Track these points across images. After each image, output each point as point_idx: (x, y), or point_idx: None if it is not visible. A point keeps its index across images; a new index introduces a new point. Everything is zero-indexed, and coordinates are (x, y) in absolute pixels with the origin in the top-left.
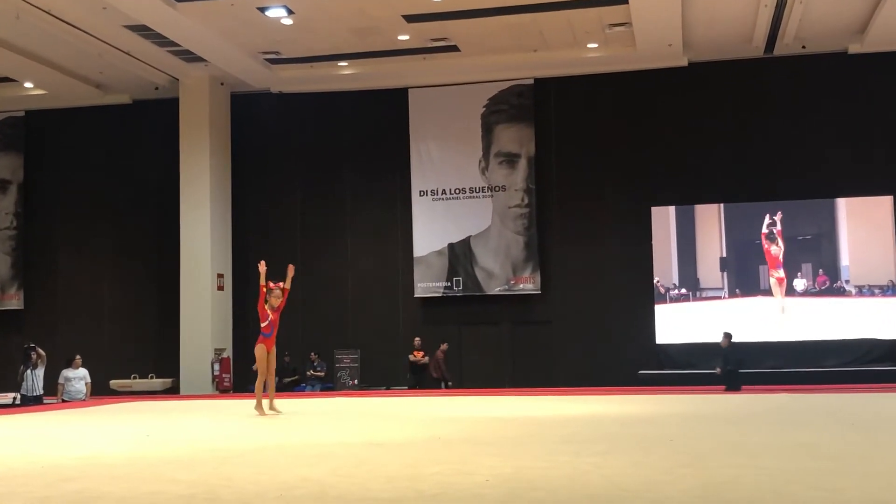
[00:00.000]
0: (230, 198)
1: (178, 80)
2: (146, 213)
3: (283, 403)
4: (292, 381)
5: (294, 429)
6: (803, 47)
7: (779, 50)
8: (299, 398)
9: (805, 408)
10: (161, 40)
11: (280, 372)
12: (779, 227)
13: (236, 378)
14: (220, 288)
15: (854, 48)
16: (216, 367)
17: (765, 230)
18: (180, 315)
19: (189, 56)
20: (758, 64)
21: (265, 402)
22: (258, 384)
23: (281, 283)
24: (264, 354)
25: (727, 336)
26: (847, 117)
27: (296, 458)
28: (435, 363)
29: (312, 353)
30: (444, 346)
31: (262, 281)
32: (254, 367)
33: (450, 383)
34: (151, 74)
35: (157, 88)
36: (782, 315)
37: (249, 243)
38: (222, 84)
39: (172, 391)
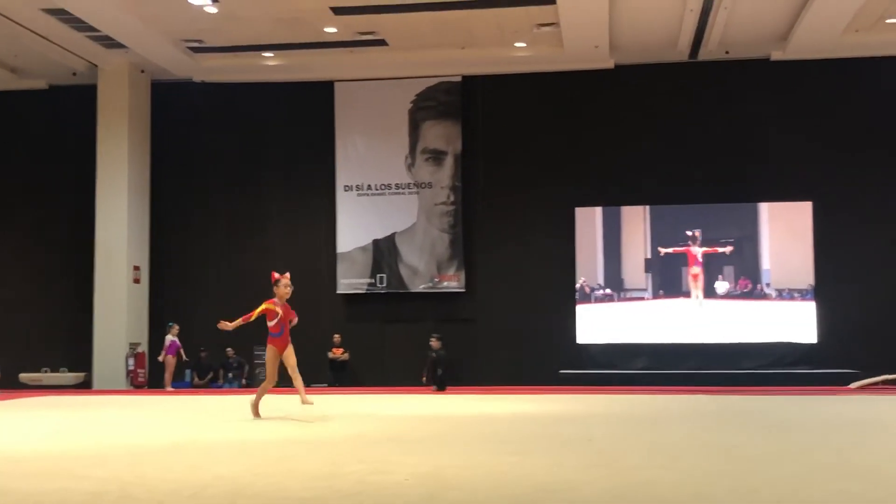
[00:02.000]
0: (149, 188)
1: (97, 66)
2: (61, 203)
3: (199, 400)
4: (209, 378)
5: (211, 426)
6: (727, 53)
7: (703, 55)
8: (216, 395)
9: (723, 409)
10: (80, 25)
11: (197, 368)
12: (699, 240)
13: (151, 373)
14: (137, 281)
15: (776, 55)
16: (131, 361)
17: (689, 240)
18: (94, 308)
19: (109, 42)
20: (683, 68)
21: (256, 407)
22: (262, 388)
23: (287, 274)
24: (275, 358)
25: (438, 339)
26: (769, 123)
27: (212, 455)
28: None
29: (228, 349)
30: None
31: (240, 322)
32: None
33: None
34: (69, 60)
35: (74, 74)
36: (702, 315)
37: (168, 235)
38: (143, 72)
39: (85, 386)
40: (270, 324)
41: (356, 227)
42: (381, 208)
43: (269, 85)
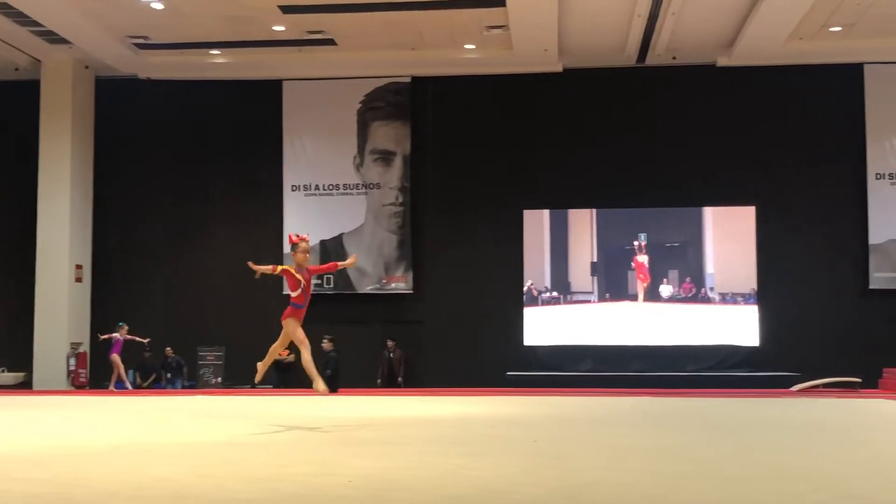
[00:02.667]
0: (92, 186)
1: (40, 61)
2: (1, 200)
3: (140, 401)
4: (153, 379)
5: (154, 427)
6: (674, 58)
7: (650, 60)
8: (159, 396)
9: (668, 411)
10: (23, 19)
11: (140, 369)
12: (644, 244)
13: (93, 373)
14: (79, 280)
15: (722, 61)
16: (72, 361)
17: (635, 246)
18: (35, 307)
19: (52, 37)
20: (630, 73)
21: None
22: (274, 349)
23: (306, 236)
24: (297, 327)
25: (330, 340)
26: (714, 128)
27: (153, 457)
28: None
29: (167, 349)
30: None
31: (268, 270)
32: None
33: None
34: (11, 54)
35: (17, 69)
36: (647, 319)
37: (112, 234)
38: (87, 67)
39: (25, 386)
40: (294, 293)
41: (303, 227)
42: (329, 209)
43: (216, 83)
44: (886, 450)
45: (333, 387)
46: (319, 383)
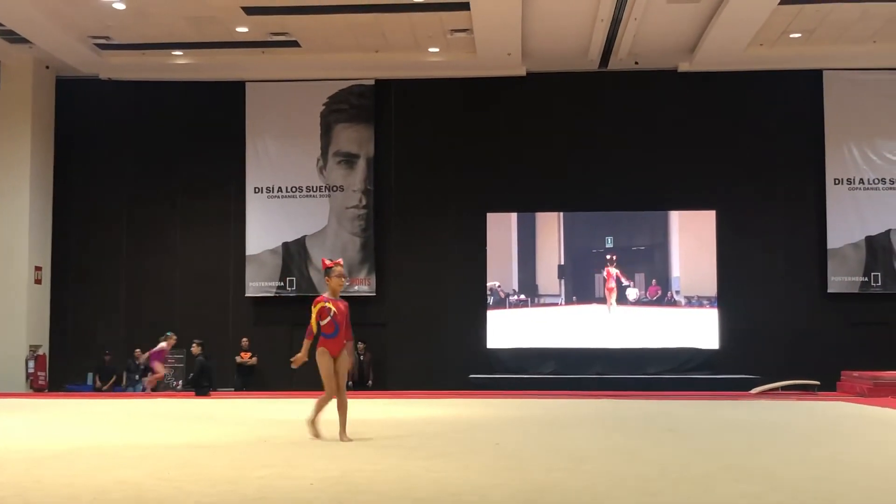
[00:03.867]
0: (52, 187)
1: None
2: None
3: (102, 405)
4: (112, 382)
5: (113, 430)
6: (636, 63)
7: (613, 64)
8: (119, 399)
9: (627, 414)
10: None
11: (100, 371)
12: (615, 261)
13: (52, 376)
14: (38, 281)
15: (684, 66)
16: (31, 364)
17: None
18: None
19: (12, 37)
20: (593, 77)
21: (314, 424)
22: (321, 400)
23: (340, 260)
24: (330, 364)
25: (199, 345)
26: (675, 132)
27: (113, 460)
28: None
29: (137, 350)
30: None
31: (308, 340)
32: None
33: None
34: None
35: None
36: (612, 322)
37: (72, 235)
38: (48, 67)
39: None
40: (323, 322)
41: (266, 229)
42: (292, 211)
43: (178, 84)
44: (843, 451)
45: (202, 391)
46: (313, 424)
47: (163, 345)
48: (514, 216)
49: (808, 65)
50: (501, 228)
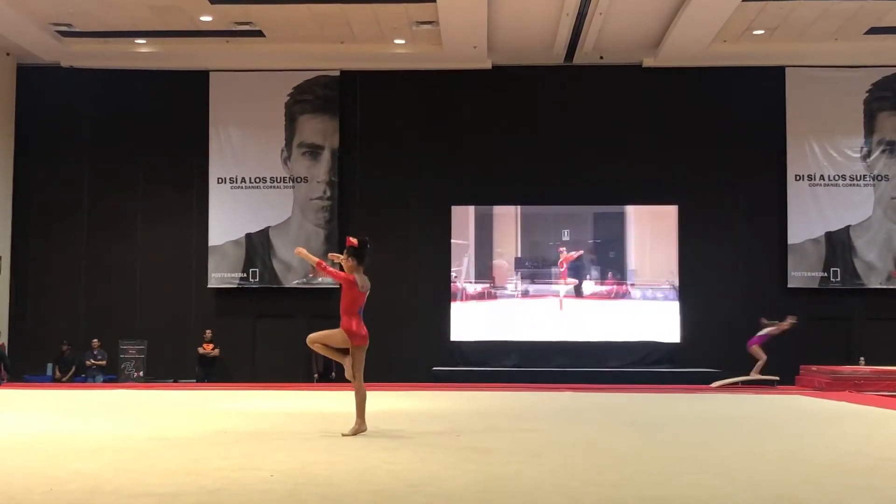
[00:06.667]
0: (11, 175)
1: None
2: None
3: (61, 395)
4: (72, 373)
5: (70, 421)
6: (601, 58)
7: (578, 59)
8: (78, 390)
9: (587, 406)
10: None
11: (60, 362)
12: (574, 255)
13: (11, 367)
14: None
15: (648, 62)
16: None
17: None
18: None
19: None
20: (558, 71)
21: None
22: (359, 385)
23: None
24: (363, 354)
25: None
26: (639, 127)
27: (70, 451)
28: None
29: (95, 340)
30: None
31: (315, 260)
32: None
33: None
34: None
35: None
36: (571, 316)
37: (32, 224)
38: (8, 55)
39: None
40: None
41: (229, 220)
42: (256, 202)
43: (141, 72)
44: (800, 444)
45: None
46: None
47: None
48: (471, 209)
49: (771, 61)
50: (462, 221)
